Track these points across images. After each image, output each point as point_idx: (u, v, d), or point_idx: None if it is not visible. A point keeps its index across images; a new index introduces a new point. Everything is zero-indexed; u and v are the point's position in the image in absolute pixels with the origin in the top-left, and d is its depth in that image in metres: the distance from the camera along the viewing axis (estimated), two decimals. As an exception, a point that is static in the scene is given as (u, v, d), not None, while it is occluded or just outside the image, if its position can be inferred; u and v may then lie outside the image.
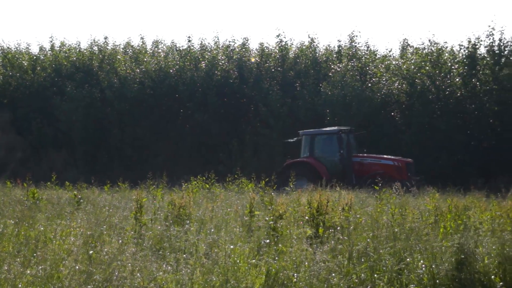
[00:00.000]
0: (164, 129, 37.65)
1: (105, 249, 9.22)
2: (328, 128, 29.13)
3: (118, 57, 40.68)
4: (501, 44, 33.47)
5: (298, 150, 30.18)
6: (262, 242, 9.95)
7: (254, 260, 8.72)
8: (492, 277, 8.55)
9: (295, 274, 8.03)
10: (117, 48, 42.33)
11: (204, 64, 38.27)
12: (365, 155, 27.99)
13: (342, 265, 8.63)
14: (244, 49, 39.28)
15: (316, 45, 38.90)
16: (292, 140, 29.91)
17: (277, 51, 38.78)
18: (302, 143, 28.27)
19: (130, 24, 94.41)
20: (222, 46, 40.02)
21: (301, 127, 35.63)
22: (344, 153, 27.22)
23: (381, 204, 13.55)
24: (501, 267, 8.91)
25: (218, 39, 40.88)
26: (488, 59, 33.61)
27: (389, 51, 40.46)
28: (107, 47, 42.08)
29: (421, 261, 8.85)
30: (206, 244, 9.57)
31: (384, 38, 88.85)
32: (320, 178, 25.32)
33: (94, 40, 42.40)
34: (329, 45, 40.01)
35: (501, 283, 8.51)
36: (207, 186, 20.51)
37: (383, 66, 37.41)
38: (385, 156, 28.09)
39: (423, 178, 26.05)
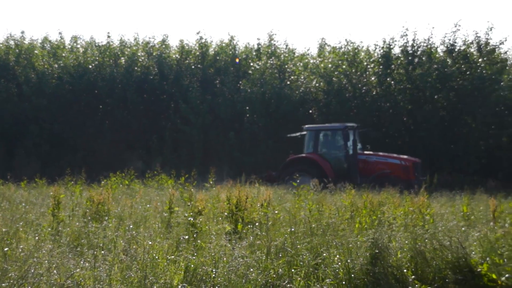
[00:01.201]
0: (83, 125, 37.15)
1: (21, 246, 9.10)
2: (333, 124, 28.29)
3: (35, 52, 39.92)
4: (414, 44, 34.31)
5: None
6: (181, 238, 9.98)
7: (173, 256, 8.75)
8: (405, 270, 8.77)
9: (214, 270, 8.10)
10: (35, 43, 41.56)
11: (123, 60, 37.98)
12: (370, 153, 26.92)
13: (260, 260, 8.72)
14: (164, 46, 39.16)
15: (236, 43, 39.13)
16: (295, 135, 29.16)
17: (197, 48, 38.81)
18: (306, 138, 27.22)
19: (48, 19, 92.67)
20: (142, 43, 39.84)
21: (221, 123, 35.85)
22: (350, 151, 26.26)
23: (299, 200, 13.73)
24: (413, 261, 9.17)
25: (137, 35, 40.84)
26: (402, 59, 34.38)
27: (307, 50, 41.12)
28: (24, 41, 41.28)
29: (337, 256, 9.01)
30: (125, 241, 9.55)
31: (302, 37, 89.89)
32: (325, 175, 24.57)
33: (10, 34, 41.65)
34: (248, 43, 40.40)
35: (413, 277, 8.75)
36: (127, 182, 20.40)
37: (301, 64, 37.89)
38: (391, 154, 27.22)
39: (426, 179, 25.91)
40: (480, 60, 33.22)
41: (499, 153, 30.96)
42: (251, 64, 37.36)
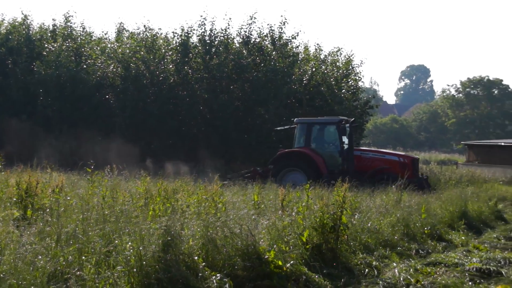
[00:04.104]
0: None
1: None
2: (327, 117, 26.84)
3: None
4: (212, 34, 34.88)
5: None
6: (-35, 225, 9.51)
7: (-47, 244, 8.32)
8: (196, 258, 8.92)
9: None
10: None
11: None
12: (365, 148, 25.55)
13: (49, 247, 8.50)
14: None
15: (30, 22, 37.81)
16: (283, 128, 27.76)
17: (-13, 26, 37.13)
18: (296, 132, 25.34)
19: None
20: None
21: (13, 106, 34.50)
22: (344, 145, 24.56)
23: (92, 186, 13.51)
24: (204, 248, 9.35)
25: None
26: (200, 48, 34.83)
27: (105, 34, 40.55)
28: None
29: (129, 243, 8.96)
30: None
31: (100, 20, 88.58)
32: (318, 170, 23.42)
33: None
34: (43, 23, 39.16)
35: (203, 264, 8.92)
36: None
37: (98, 48, 37.32)
38: (388, 151, 26.16)
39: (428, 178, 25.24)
40: (274, 53, 34.40)
41: (290, 144, 32.21)
42: (46, 45, 36.23)
